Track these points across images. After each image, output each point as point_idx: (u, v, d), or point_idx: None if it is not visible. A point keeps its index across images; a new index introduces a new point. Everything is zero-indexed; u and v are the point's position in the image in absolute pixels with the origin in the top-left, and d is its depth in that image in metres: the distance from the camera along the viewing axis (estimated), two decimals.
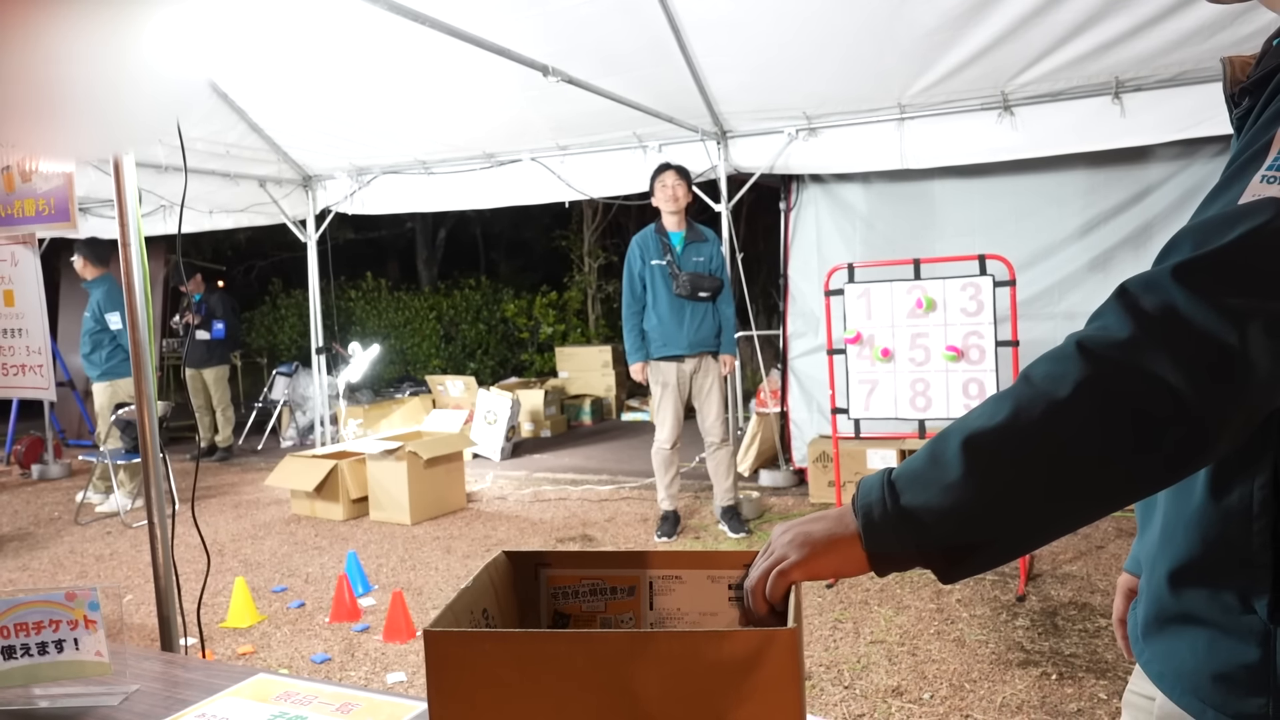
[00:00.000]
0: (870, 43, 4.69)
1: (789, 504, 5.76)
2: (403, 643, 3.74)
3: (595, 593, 1.01)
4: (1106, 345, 0.74)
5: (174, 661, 1.66)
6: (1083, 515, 0.78)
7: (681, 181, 5.01)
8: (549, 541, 5.20)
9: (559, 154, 6.33)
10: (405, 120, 6.05)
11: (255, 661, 3.66)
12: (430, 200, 7.08)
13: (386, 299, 13.45)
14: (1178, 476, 0.79)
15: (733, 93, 5.41)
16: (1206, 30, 4.17)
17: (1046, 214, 5.55)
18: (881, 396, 4.19)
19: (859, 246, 5.97)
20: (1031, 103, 4.99)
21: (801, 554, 0.83)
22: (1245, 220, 0.72)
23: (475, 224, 16.30)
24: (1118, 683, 3.04)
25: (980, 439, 0.77)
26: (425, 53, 4.83)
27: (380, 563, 4.89)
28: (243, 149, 6.54)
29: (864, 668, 3.30)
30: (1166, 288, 0.73)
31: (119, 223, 2.20)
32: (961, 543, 0.77)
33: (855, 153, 5.58)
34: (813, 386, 6.15)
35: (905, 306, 4.11)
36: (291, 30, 4.81)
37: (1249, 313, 0.70)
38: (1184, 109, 4.60)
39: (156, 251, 9.50)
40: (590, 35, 4.73)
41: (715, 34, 4.82)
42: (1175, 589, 0.90)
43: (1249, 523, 0.83)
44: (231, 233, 11.70)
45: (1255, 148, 0.78)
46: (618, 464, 7.32)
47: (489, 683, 0.78)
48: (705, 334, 5.04)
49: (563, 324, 12.27)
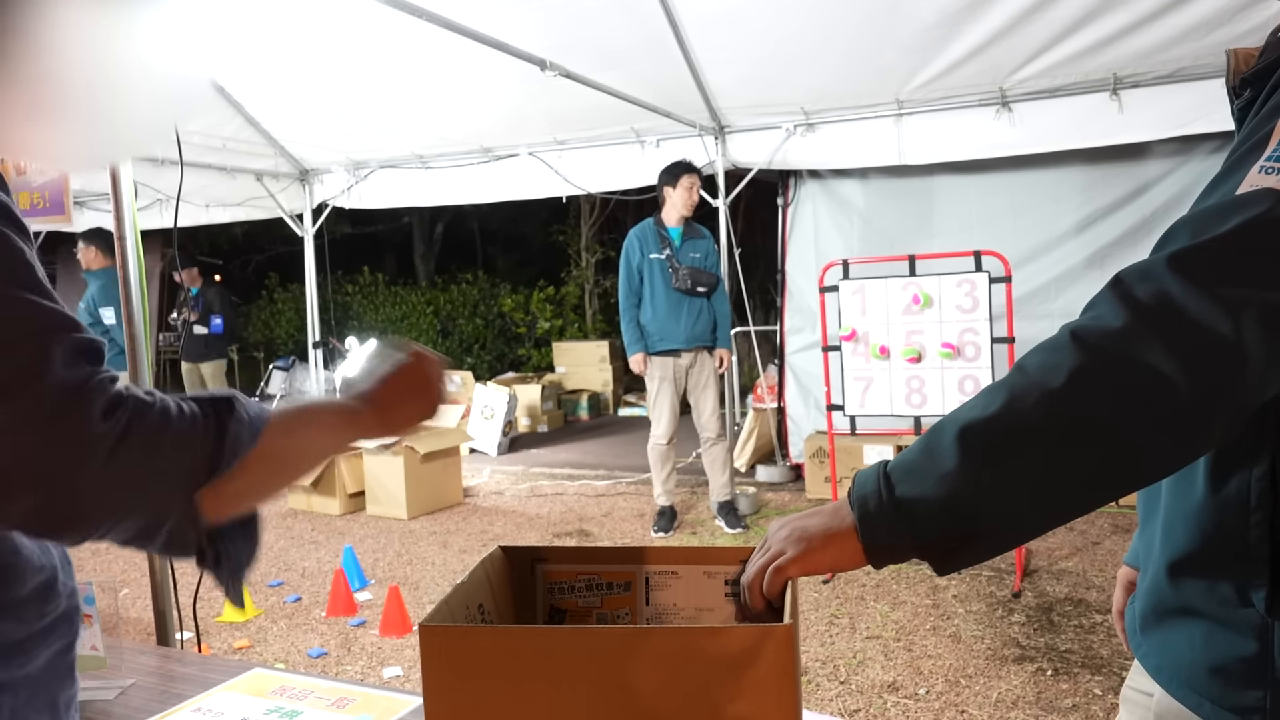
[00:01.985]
0: (868, 38, 4.68)
1: (785, 499, 5.77)
2: (399, 637, 3.74)
3: (591, 588, 1.01)
4: (1100, 334, 0.74)
5: (170, 656, 1.66)
6: (1078, 505, 0.78)
7: (699, 183, 5.06)
8: (546, 536, 5.20)
9: (556, 149, 6.32)
10: (402, 114, 6.04)
11: (251, 656, 3.66)
12: (427, 195, 7.07)
13: (384, 293, 13.43)
14: (1173, 467, 0.79)
15: (731, 88, 5.41)
16: (1204, 27, 4.17)
17: (1044, 210, 5.54)
18: (877, 393, 4.19)
19: (856, 242, 5.96)
20: (1029, 99, 4.99)
21: (798, 549, 0.83)
22: (1242, 210, 0.72)
23: (473, 218, 16.27)
24: (1113, 678, 3.04)
25: (975, 429, 0.76)
26: (423, 47, 4.82)
27: (377, 557, 4.89)
28: (239, 143, 6.52)
29: (860, 663, 3.30)
30: (1162, 276, 0.73)
31: (114, 217, 2.19)
32: (957, 533, 0.77)
33: (853, 148, 5.58)
34: (810, 382, 6.15)
35: (901, 303, 4.11)
36: (289, 24, 4.79)
37: (1244, 302, 0.70)
38: (1182, 105, 4.60)
39: (153, 246, 9.48)
40: (589, 30, 4.72)
41: (713, 29, 4.81)
42: (1174, 581, 0.91)
43: (1246, 515, 0.84)
44: (228, 227, 11.66)
45: (1255, 138, 0.77)
46: (614, 459, 7.32)
47: (484, 678, 0.77)
48: (701, 329, 5.04)
49: (560, 319, 12.25)
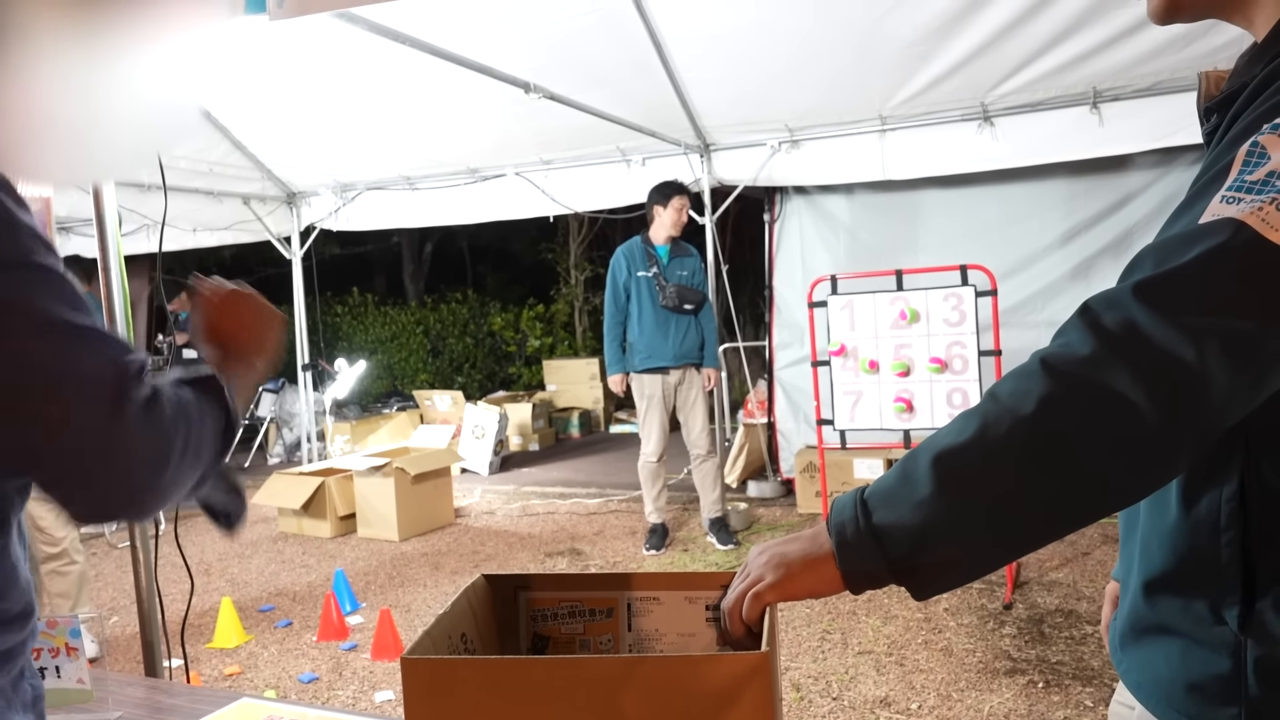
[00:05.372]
0: (850, 55, 4.72)
1: (777, 515, 5.77)
2: (391, 660, 3.72)
3: (574, 614, 1.01)
4: (1069, 361, 0.75)
5: (157, 687, 1.66)
6: (1050, 530, 0.79)
7: (690, 205, 5.10)
8: (538, 556, 5.19)
9: (543, 168, 6.34)
10: (389, 137, 6.05)
11: (242, 682, 3.64)
12: (415, 216, 7.08)
13: (373, 314, 13.39)
14: (1142, 492, 0.80)
15: (715, 106, 5.44)
16: (1181, 41, 4.22)
17: (1028, 223, 5.58)
18: (866, 407, 4.21)
19: (843, 256, 5.99)
20: (1011, 113, 5.03)
21: (777, 575, 0.84)
22: (1204, 240, 0.74)
23: (462, 237, 16.28)
24: (1104, 690, 3.05)
25: (949, 456, 0.78)
26: (409, 71, 4.83)
27: (368, 580, 4.87)
28: (226, 166, 6.52)
29: (852, 678, 3.30)
30: (1128, 305, 0.74)
31: (99, 243, 2.19)
32: (933, 559, 0.78)
33: (838, 164, 5.61)
34: (799, 397, 6.17)
35: (889, 318, 4.13)
36: (275, 49, 4.81)
37: (1206, 330, 0.71)
38: (1161, 118, 4.64)
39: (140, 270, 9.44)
40: (573, 52, 4.75)
41: (697, 49, 4.84)
42: (1150, 600, 0.92)
43: (1218, 535, 0.85)
44: (216, 249, 11.62)
45: (1217, 168, 0.79)
46: (606, 477, 7.31)
47: (468, 710, 0.78)
48: (689, 346, 5.06)
49: (550, 337, 12.25)
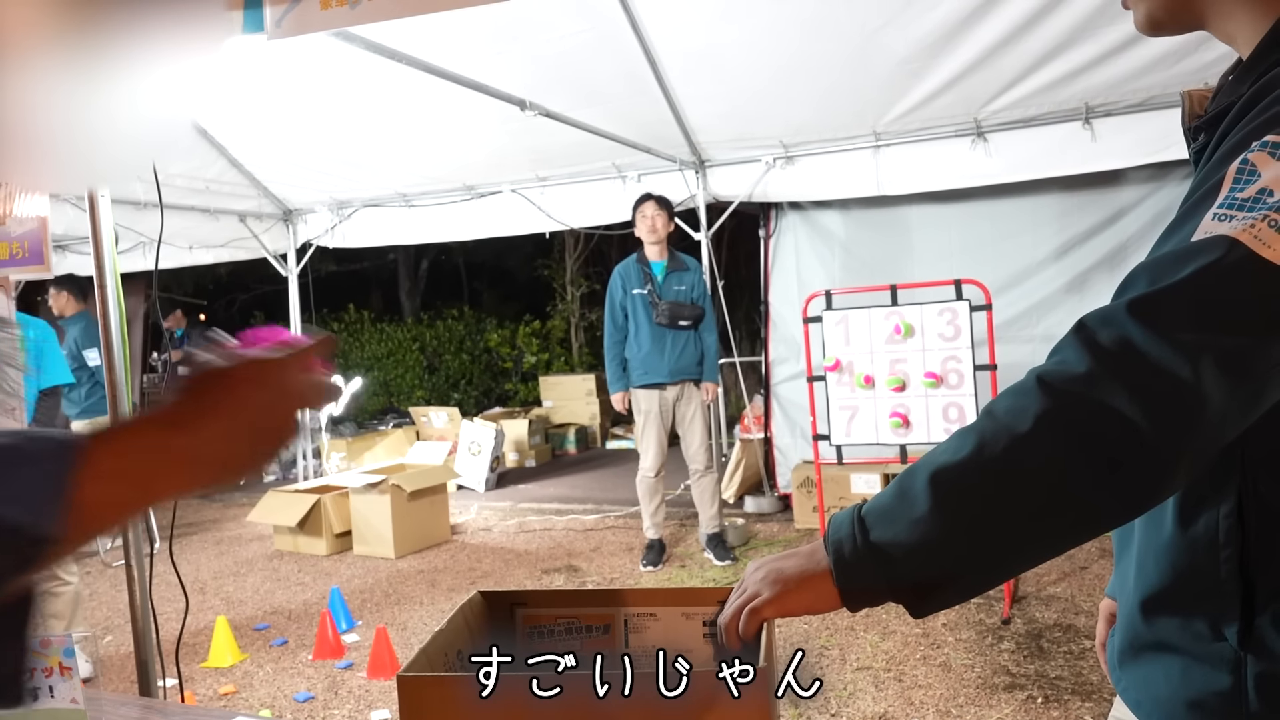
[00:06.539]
0: (845, 72, 4.74)
1: (774, 530, 5.76)
2: (387, 679, 3.70)
3: (571, 631, 1.01)
4: (1065, 379, 0.75)
5: (151, 707, 1.64)
6: (1047, 547, 0.79)
7: (661, 212, 5.04)
8: (534, 572, 5.16)
9: (539, 185, 6.36)
10: (385, 154, 6.07)
11: (238, 701, 3.61)
12: (411, 233, 7.09)
13: (369, 330, 13.39)
14: (1140, 508, 0.80)
15: (710, 123, 5.46)
16: (1172, 57, 4.25)
17: (1022, 238, 5.60)
18: (862, 422, 4.21)
19: (838, 272, 6.00)
20: (1004, 129, 5.06)
21: (774, 591, 0.84)
22: (1197, 258, 0.74)
23: (458, 254, 16.30)
24: (1103, 704, 3.04)
25: (946, 473, 0.78)
26: (405, 88, 4.85)
27: (364, 598, 4.85)
28: (222, 184, 6.53)
29: (851, 695, 3.28)
30: (1122, 322, 0.75)
31: (95, 260, 2.19)
32: (930, 577, 0.78)
33: (832, 180, 5.64)
34: (796, 412, 6.16)
35: (884, 333, 4.14)
36: (271, 67, 4.82)
37: (1201, 347, 0.72)
38: (1153, 133, 4.67)
39: (136, 288, 9.44)
40: (568, 69, 4.77)
41: (691, 66, 4.86)
42: (1148, 617, 0.92)
43: (1216, 551, 0.85)
44: (212, 267, 11.63)
45: (1208, 185, 0.79)
46: (603, 493, 7.29)
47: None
48: (687, 362, 5.05)
49: (546, 353, 12.24)
